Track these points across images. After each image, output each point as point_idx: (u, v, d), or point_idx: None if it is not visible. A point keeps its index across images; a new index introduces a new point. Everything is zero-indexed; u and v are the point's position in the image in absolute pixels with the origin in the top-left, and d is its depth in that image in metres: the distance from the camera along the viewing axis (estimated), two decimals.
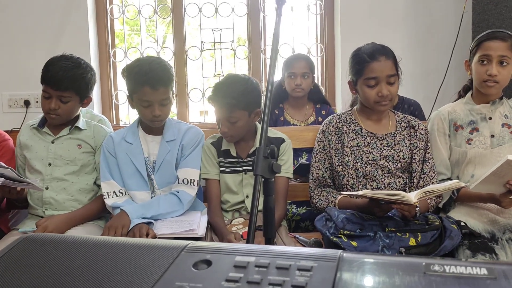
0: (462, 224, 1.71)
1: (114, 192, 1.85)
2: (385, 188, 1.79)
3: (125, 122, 3.22)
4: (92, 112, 2.30)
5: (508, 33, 1.86)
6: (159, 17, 3.17)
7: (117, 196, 1.85)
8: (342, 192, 1.79)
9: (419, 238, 1.57)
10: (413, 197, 1.49)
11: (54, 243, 0.65)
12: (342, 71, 2.92)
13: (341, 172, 1.83)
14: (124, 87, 1.91)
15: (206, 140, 1.97)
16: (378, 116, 1.88)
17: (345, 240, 1.55)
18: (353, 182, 1.81)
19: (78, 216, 1.85)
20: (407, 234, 1.57)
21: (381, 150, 1.83)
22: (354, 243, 1.54)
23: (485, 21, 2.45)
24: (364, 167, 1.80)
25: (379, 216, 1.62)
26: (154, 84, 1.77)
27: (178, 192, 1.85)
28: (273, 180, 1.12)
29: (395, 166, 1.81)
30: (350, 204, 1.74)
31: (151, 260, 0.59)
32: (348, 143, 1.84)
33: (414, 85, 2.76)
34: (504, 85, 1.87)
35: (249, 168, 1.89)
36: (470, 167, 1.88)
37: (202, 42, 3.13)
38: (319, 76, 3.16)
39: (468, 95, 1.96)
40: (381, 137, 1.85)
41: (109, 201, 1.83)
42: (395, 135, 1.86)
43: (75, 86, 1.85)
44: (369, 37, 2.01)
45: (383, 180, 1.80)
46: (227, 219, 1.88)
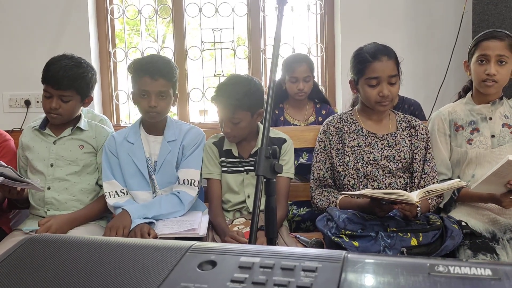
0: (463, 224, 1.71)
1: (115, 192, 1.85)
2: (386, 188, 1.79)
3: (125, 122, 3.22)
4: (93, 112, 2.30)
5: (506, 32, 1.86)
6: (159, 17, 3.17)
7: (118, 196, 1.85)
8: (343, 192, 1.79)
9: (421, 238, 1.57)
10: (414, 196, 1.49)
11: (58, 244, 0.65)
12: (342, 71, 2.92)
13: (342, 172, 1.83)
14: (125, 87, 1.92)
15: (208, 140, 1.97)
16: (379, 116, 1.89)
17: (347, 240, 1.55)
18: (354, 182, 1.81)
19: (80, 216, 1.85)
20: (409, 234, 1.57)
21: (382, 150, 1.83)
22: (355, 243, 1.54)
23: (485, 21, 2.45)
24: (365, 167, 1.81)
25: (381, 216, 1.62)
26: (153, 74, 1.80)
27: (179, 193, 1.85)
28: (274, 180, 1.13)
29: (396, 166, 1.81)
30: (351, 204, 1.74)
31: (156, 261, 0.59)
32: (349, 143, 1.84)
33: (414, 85, 2.76)
34: (503, 85, 1.87)
35: (250, 168, 1.89)
36: (471, 167, 1.88)
37: (202, 42, 3.13)
38: (319, 76, 3.16)
39: (468, 95, 1.96)
40: (382, 137, 1.85)
41: (110, 201, 1.84)
42: (396, 135, 1.86)
43: (76, 85, 1.85)
44: (369, 37, 2.01)
45: (384, 180, 1.80)
46: (228, 219, 1.88)
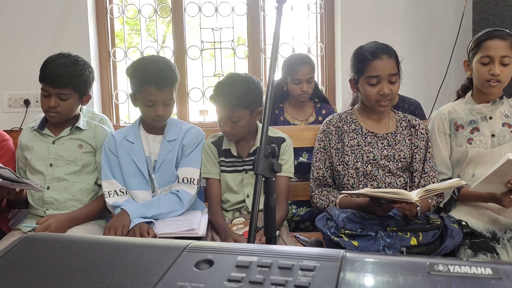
0: (463, 223, 1.71)
1: (115, 191, 1.85)
2: (386, 188, 1.78)
3: (125, 122, 3.22)
4: (93, 112, 2.30)
5: (507, 31, 1.86)
6: (159, 17, 3.17)
7: (117, 195, 1.85)
8: (343, 191, 1.79)
9: (420, 237, 1.56)
10: (414, 195, 1.49)
11: (55, 243, 0.65)
12: (342, 70, 2.92)
13: (341, 171, 1.82)
14: (124, 86, 1.91)
15: (206, 140, 1.97)
16: (379, 115, 1.88)
17: (346, 240, 1.55)
18: (354, 181, 1.80)
19: (79, 216, 1.85)
20: (408, 234, 1.56)
21: (382, 150, 1.82)
22: (355, 243, 1.54)
23: (486, 21, 2.44)
24: (365, 166, 1.80)
25: (380, 215, 1.62)
26: (160, 85, 1.77)
27: (178, 192, 1.85)
28: (273, 179, 1.12)
29: (395, 165, 1.81)
30: (351, 203, 1.74)
31: (153, 260, 0.58)
32: (348, 142, 1.84)
33: (414, 84, 2.76)
34: (505, 84, 1.87)
35: (249, 167, 1.89)
36: (471, 166, 1.87)
37: (202, 42, 3.13)
38: (319, 76, 3.16)
39: (468, 94, 1.96)
40: (382, 137, 1.85)
41: (109, 200, 1.83)
42: (396, 134, 1.86)
43: (74, 83, 1.84)
44: (369, 36, 2.00)
45: (383, 179, 1.80)
46: (227, 219, 1.88)
